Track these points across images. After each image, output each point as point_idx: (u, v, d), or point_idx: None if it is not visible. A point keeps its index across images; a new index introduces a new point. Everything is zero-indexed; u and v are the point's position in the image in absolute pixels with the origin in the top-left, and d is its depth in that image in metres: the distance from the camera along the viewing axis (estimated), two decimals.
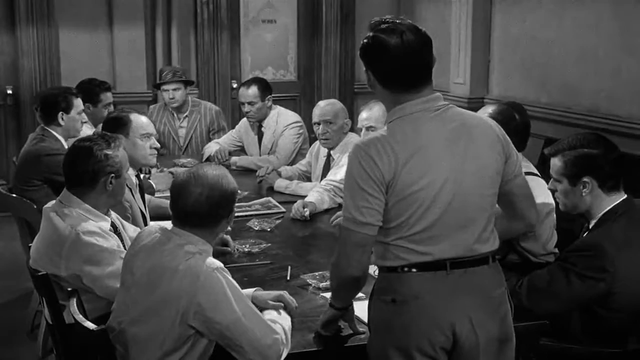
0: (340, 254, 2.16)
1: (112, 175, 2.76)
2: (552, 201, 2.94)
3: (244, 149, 5.28)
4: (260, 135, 5.11)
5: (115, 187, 2.79)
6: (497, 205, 2.25)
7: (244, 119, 5.26)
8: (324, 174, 4.34)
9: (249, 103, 4.98)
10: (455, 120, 2.15)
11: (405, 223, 2.09)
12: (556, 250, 3.05)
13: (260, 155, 5.09)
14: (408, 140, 2.09)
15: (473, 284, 2.12)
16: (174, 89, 5.38)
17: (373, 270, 2.40)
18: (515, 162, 2.23)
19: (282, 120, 5.02)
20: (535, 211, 2.35)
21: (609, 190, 2.69)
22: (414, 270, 2.10)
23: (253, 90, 4.96)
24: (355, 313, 2.38)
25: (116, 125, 3.42)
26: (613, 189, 2.69)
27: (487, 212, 2.16)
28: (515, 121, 3.08)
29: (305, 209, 3.75)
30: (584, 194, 2.69)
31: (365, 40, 2.18)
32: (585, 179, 2.68)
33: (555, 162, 2.74)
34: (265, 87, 5.00)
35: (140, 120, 3.48)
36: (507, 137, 2.22)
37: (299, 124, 5.01)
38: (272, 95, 5.09)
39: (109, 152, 2.77)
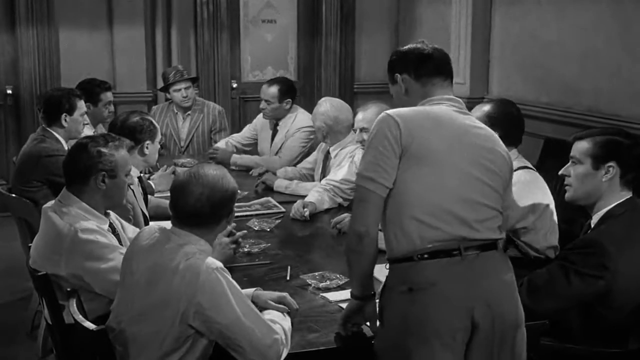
0: (351, 214, 2.30)
1: (104, 173, 2.73)
2: (550, 195, 2.99)
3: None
4: (274, 133, 5.12)
5: (109, 187, 2.76)
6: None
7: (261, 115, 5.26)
8: (322, 172, 4.38)
9: (266, 101, 5.01)
10: (474, 122, 2.32)
11: (417, 190, 2.16)
12: (558, 245, 3.05)
13: (271, 152, 5.10)
14: (431, 119, 2.25)
15: (486, 267, 2.17)
16: (186, 87, 5.40)
17: (385, 265, 2.38)
18: (510, 197, 2.37)
19: (297, 122, 5.02)
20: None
21: (625, 184, 2.69)
22: (426, 256, 2.13)
23: (273, 90, 4.98)
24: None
25: (145, 131, 3.51)
26: (628, 184, 2.70)
27: (495, 204, 2.24)
28: (513, 114, 3.15)
29: (305, 209, 3.75)
30: (604, 179, 2.68)
31: (394, 53, 2.47)
32: (611, 163, 2.67)
33: (583, 144, 2.73)
34: (286, 91, 5.01)
35: (157, 125, 3.62)
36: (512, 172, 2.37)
37: (311, 129, 5.01)
38: (295, 96, 5.11)
39: (103, 149, 2.75)
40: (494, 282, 2.18)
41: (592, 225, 2.73)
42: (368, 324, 2.35)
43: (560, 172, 2.82)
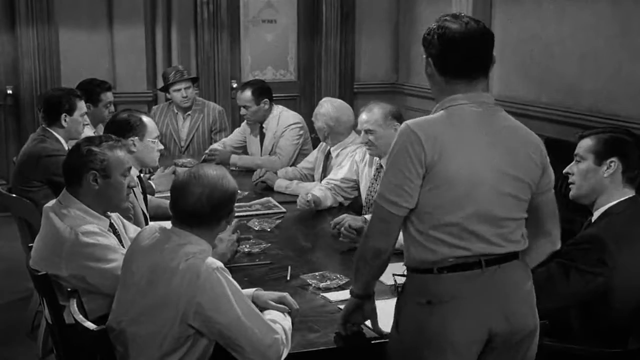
0: (368, 227, 2.22)
1: (95, 172, 2.70)
2: None
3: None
4: (262, 136, 5.12)
5: (102, 188, 2.72)
6: None
7: None
8: (323, 172, 4.39)
9: (244, 106, 5.03)
10: (502, 122, 2.20)
11: (440, 210, 2.09)
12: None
13: (261, 156, 5.09)
14: (455, 129, 2.12)
15: (506, 279, 2.14)
16: (186, 88, 5.40)
17: (402, 270, 2.37)
18: (550, 176, 2.25)
19: (283, 121, 5.02)
20: (558, 231, 2.32)
21: (627, 181, 2.71)
22: (445, 271, 2.10)
23: (246, 94, 4.99)
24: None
25: (131, 128, 3.47)
26: (630, 182, 2.71)
27: (520, 215, 2.18)
28: None
29: (309, 194, 3.77)
30: (605, 175, 2.69)
31: (428, 28, 2.22)
32: (612, 159, 2.69)
33: (587, 141, 2.76)
34: (260, 91, 5.00)
35: (152, 124, 3.59)
36: (545, 151, 2.24)
37: (299, 125, 5.01)
38: (273, 96, 5.10)
39: (94, 149, 2.72)
40: (514, 294, 2.16)
41: (593, 222, 2.73)
42: (368, 323, 2.35)
43: (564, 171, 2.82)
